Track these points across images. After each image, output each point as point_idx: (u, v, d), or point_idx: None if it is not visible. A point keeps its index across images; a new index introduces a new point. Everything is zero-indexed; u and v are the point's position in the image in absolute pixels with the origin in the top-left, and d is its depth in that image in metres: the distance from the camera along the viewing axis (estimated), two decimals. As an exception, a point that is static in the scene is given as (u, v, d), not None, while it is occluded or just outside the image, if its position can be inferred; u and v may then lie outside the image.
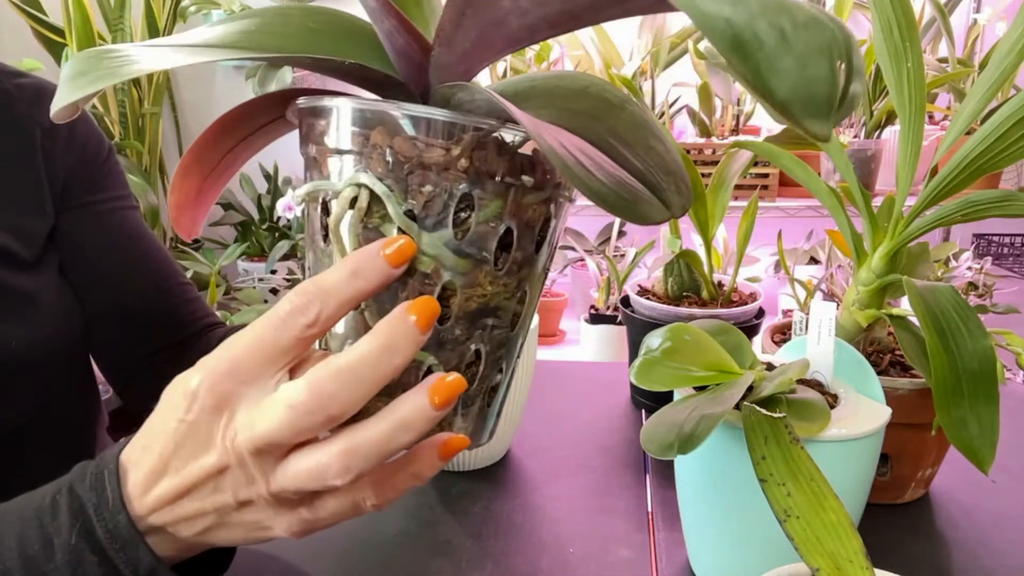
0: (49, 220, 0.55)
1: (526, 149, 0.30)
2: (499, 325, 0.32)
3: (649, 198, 0.29)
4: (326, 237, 0.31)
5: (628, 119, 0.32)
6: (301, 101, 0.31)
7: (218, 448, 0.29)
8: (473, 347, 0.31)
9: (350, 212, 0.29)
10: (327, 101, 0.30)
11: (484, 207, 0.29)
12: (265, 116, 0.36)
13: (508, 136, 0.29)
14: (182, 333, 0.61)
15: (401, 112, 0.29)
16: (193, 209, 0.36)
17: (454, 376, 0.29)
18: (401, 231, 0.29)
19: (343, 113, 0.30)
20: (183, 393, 0.29)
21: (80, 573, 0.30)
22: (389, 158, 0.29)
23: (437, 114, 0.29)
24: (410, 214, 0.29)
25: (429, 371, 0.31)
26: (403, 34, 0.29)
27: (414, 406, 0.29)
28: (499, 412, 0.35)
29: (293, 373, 0.30)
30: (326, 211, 0.31)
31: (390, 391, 0.30)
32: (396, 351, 0.28)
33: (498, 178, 0.29)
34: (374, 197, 0.29)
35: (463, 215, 0.30)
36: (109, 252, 0.58)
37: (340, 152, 0.30)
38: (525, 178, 0.30)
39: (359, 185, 0.29)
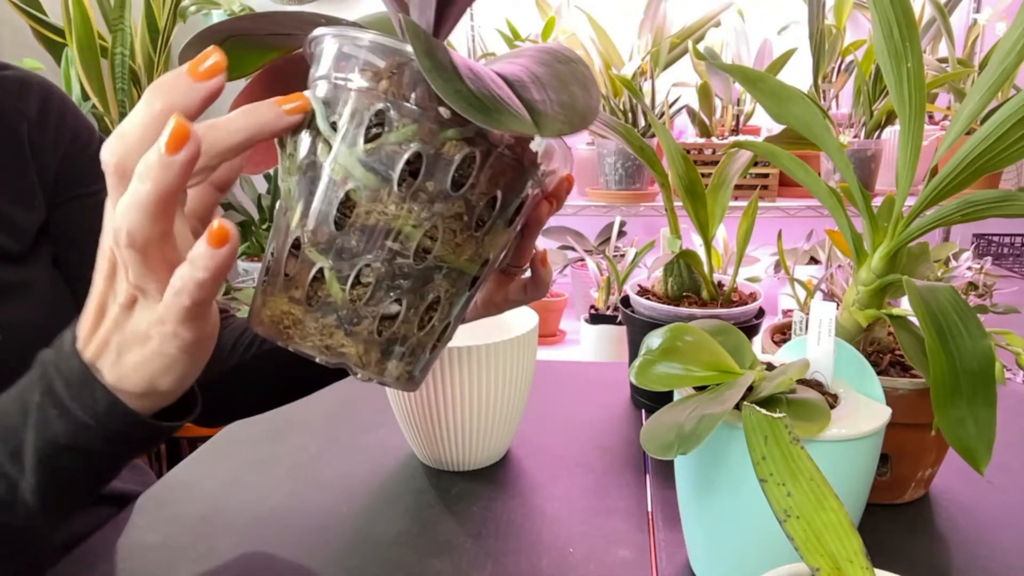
0: (40, 213, 0.54)
1: None
2: (401, 252, 0.33)
3: (518, 112, 0.29)
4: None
5: (562, 70, 0.34)
6: (310, 37, 0.35)
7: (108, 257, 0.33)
8: (367, 263, 0.33)
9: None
10: (314, 31, 0.34)
11: (396, 128, 0.32)
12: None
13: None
14: None
15: (334, 33, 0.33)
16: (266, 145, 0.37)
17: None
18: (325, 142, 0.33)
19: (321, 41, 0.34)
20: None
21: (49, 432, 0.33)
22: (332, 80, 0.33)
23: (362, 36, 0.32)
24: (334, 127, 0.33)
25: (320, 275, 0.33)
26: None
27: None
28: (404, 355, 0.36)
29: None
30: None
31: (284, 282, 0.34)
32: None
33: (411, 103, 0.32)
34: (313, 113, 0.33)
35: (377, 133, 0.32)
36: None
37: (316, 78, 0.34)
38: (442, 109, 0.32)
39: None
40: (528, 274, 0.47)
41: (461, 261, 0.35)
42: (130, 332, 0.34)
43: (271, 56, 0.40)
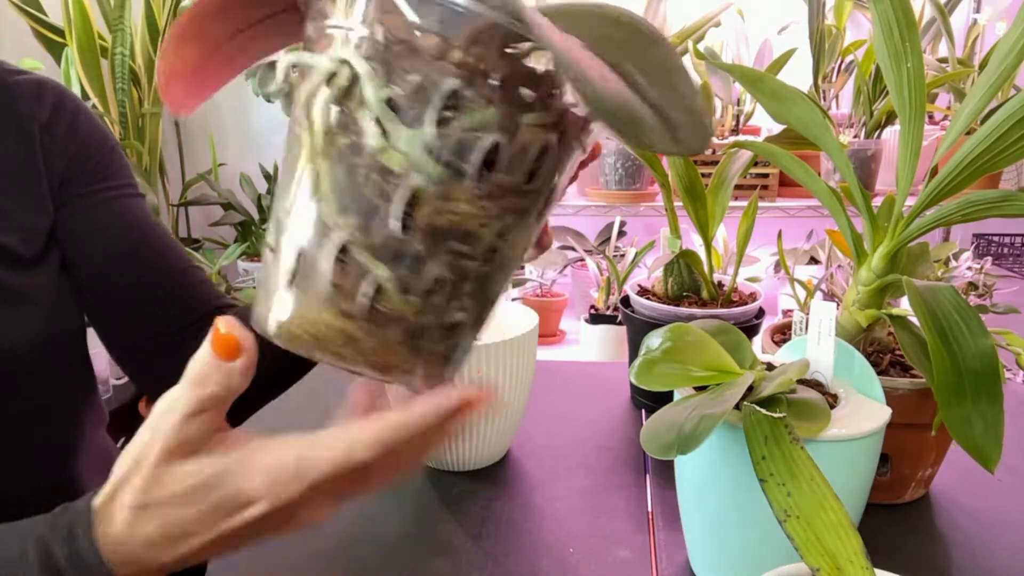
0: (50, 217, 0.55)
1: (538, 65, 0.27)
2: (469, 255, 0.28)
3: (656, 125, 0.26)
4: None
5: (659, 56, 0.28)
6: None
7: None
8: (434, 271, 0.28)
9: (326, 91, 0.27)
10: None
11: (472, 111, 0.26)
12: (276, 2, 0.32)
13: (516, 39, 0.26)
14: (194, 315, 0.61)
15: None
16: (188, 81, 0.32)
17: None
18: (378, 122, 0.26)
19: None
20: (253, 496, 0.31)
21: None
22: (380, 37, 0.26)
23: None
24: (391, 103, 0.26)
25: (379, 286, 0.28)
26: None
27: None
28: (460, 359, 0.32)
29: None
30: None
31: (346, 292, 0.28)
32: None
33: (493, 81, 0.26)
34: (357, 78, 0.26)
35: (449, 116, 0.26)
36: (115, 238, 0.58)
37: (336, 28, 0.27)
38: (525, 91, 0.27)
39: (342, 61, 0.26)
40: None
41: (518, 254, 0.31)
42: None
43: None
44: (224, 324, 0.31)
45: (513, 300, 1.38)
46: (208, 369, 0.31)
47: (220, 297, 0.64)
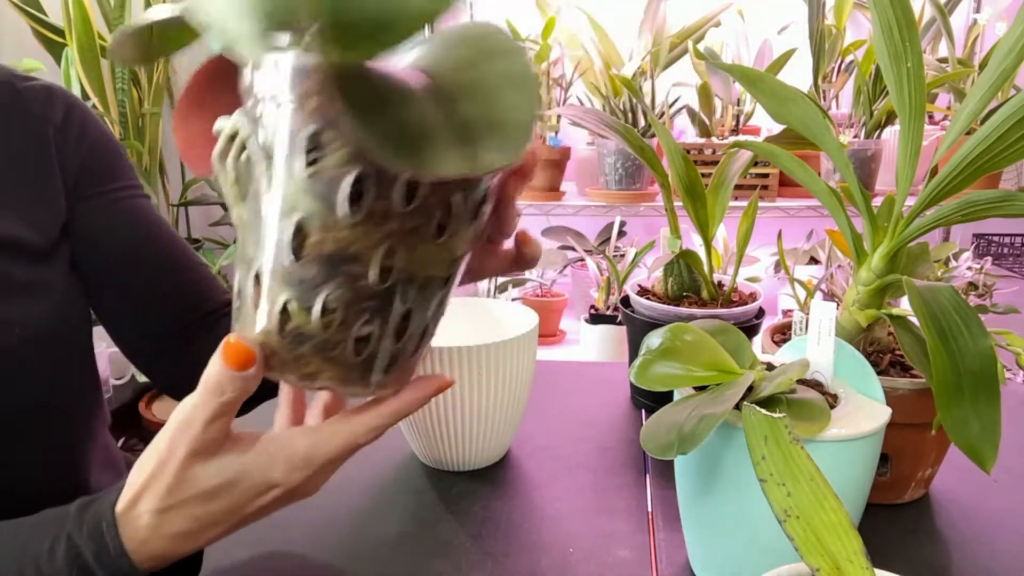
0: (62, 213, 0.57)
1: None
2: (362, 275, 0.32)
3: (445, 152, 0.27)
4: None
5: (502, 68, 0.31)
6: None
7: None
8: (329, 292, 0.31)
9: (231, 147, 0.32)
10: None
11: (333, 150, 0.29)
12: None
13: None
14: (202, 310, 0.63)
15: (255, 57, 0.30)
16: (203, 148, 0.36)
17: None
18: (265, 169, 0.31)
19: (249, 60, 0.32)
20: (274, 482, 0.37)
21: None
22: (257, 99, 0.31)
23: (283, 58, 0.29)
24: (268, 153, 0.30)
25: (285, 308, 0.32)
26: None
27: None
28: (386, 366, 0.35)
29: None
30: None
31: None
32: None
33: (346, 120, 0.29)
34: (246, 135, 0.31)
35: (316, 156, 0.30)
36: (126, 236, 0.60)
37: (245, 91, 0.32)
38: None
39: (236, 122, 0.32)
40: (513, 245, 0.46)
41: (428, 271, 0.33)
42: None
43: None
44: (234, 337, 0.34)
45: (513, 300, 1.38)
46: (223, 378, 0.34)
47: (226, 292, 0.65)
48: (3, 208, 0.53)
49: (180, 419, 0.35)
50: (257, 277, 0.32)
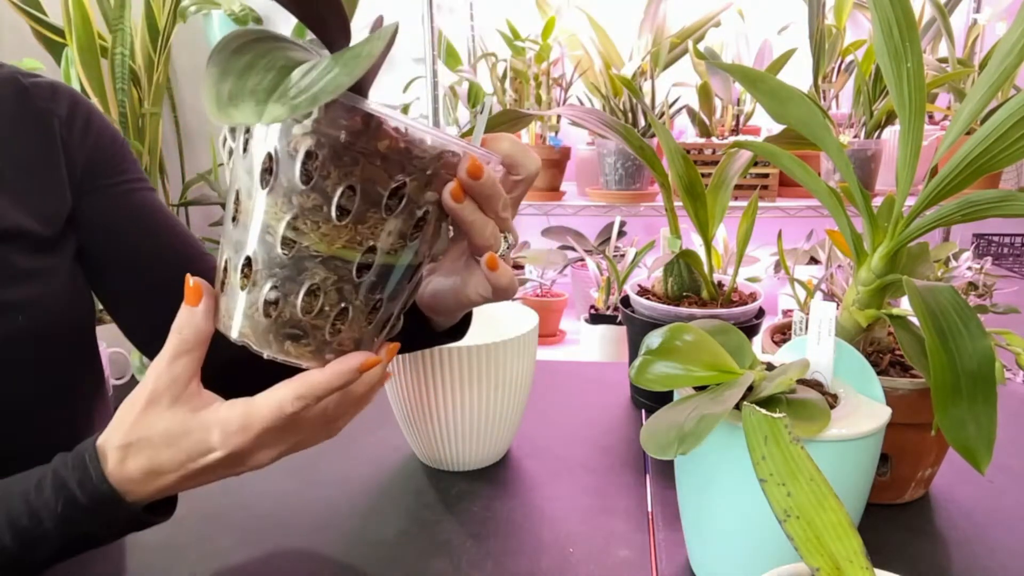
0: (67, 204, 0.58)
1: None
2: (273, 244, 0.37)
3: (243, 104, 0.30)
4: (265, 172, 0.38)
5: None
6: None
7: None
8: (248, 254, 0.37)
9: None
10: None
11: (254, 132, 0.36)
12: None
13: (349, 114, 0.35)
14: None
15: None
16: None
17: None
18: (265, 175, 0.36)
19: None
20: (211, 447, 0.39)
21: (69, 532, 0.39)
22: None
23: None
24: (268, 170, 0.36)
25: (226, 264, 0.38)
26: None
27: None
28: (300, 337, 0.39)
29: None
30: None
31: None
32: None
33: (341, 142, 0.35)
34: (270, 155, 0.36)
35: (246, 138, 0.36)
36: (132, 228, 0.61)
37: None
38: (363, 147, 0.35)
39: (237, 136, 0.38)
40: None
41: (334, 249, 0.37)
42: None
43: None
44: (190, 278, 0.39)
45: (513, 300, 1.38)
46: (182, 316, 0.39)
47: None
48: (9, 198, 0.54)
49: (152, 363, 0.40)
50: (248, 263, 0.38)
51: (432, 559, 0.53)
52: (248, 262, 0.37)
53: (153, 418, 0.39)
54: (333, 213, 0.36)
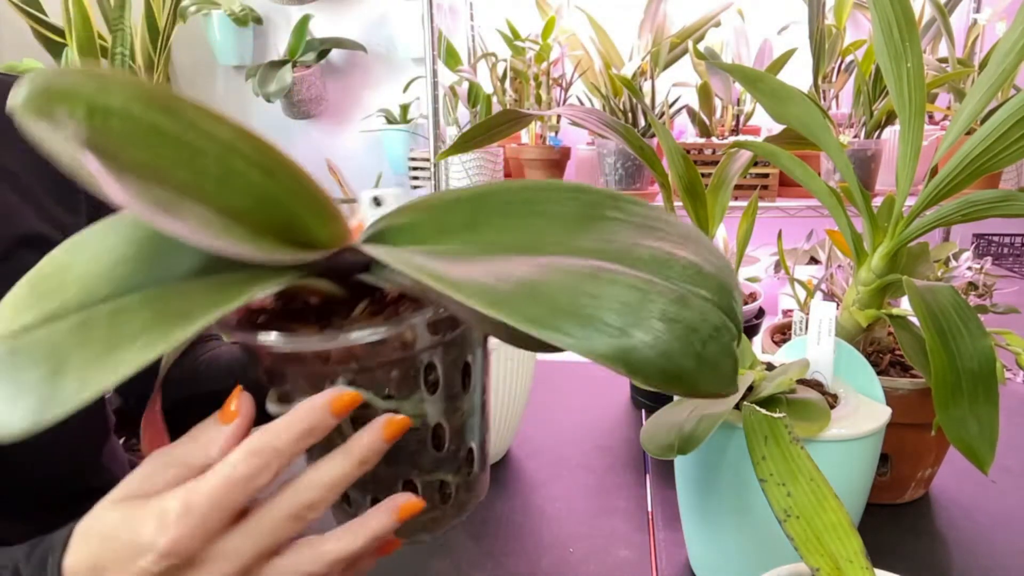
0: (83, 218, 0.58)
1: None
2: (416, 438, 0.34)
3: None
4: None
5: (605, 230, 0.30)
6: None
7: None
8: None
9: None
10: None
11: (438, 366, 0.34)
12: None
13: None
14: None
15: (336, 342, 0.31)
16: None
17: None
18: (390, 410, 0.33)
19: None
20: (146, 545, 0.30)
21: None
22: (354, 366, 0.32)
23: (367, 336, 0.31)
24: (390, 397, 0.33)
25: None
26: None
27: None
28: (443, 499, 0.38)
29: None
30: None
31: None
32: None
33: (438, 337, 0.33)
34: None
35: (431, 377, 0.34)
36: None
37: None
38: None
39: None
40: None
41: (456, 425, 0.36)
42: None
43: None
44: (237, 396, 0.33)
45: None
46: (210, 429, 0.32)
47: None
48: (27, 205, 0.54)
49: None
50: None
51: (432, 559, 0.53)
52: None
53: (105, 513, 0.32)
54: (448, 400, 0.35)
